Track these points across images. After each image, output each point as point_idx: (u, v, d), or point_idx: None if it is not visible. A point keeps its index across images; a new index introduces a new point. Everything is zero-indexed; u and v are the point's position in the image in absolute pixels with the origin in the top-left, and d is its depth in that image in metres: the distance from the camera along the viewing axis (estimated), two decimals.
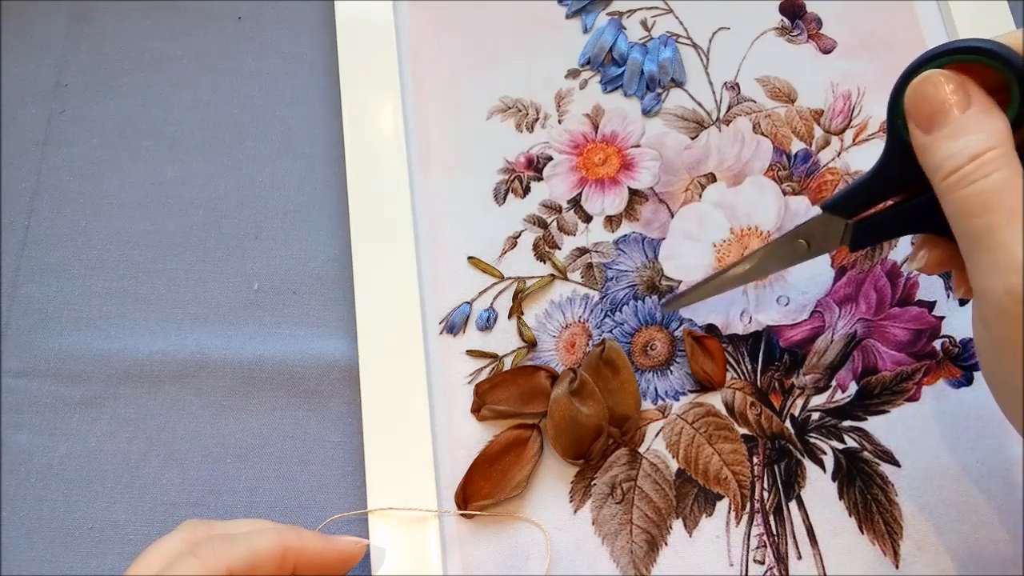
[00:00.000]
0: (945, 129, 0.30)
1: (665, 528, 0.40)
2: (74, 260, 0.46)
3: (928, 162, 0.31)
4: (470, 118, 0.48)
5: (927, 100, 0.31)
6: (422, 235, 0.45)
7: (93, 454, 0.43)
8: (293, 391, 0.43)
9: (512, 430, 0.42)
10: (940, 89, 0.31)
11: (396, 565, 0.39)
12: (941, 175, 0.30)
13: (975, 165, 0.29)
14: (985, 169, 0.29)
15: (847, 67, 0.48)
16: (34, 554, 0.41)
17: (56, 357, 0.44)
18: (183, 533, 0.34)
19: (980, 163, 0.29)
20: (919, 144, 0.31)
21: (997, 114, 0.30)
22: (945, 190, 0.30)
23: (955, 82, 0.30)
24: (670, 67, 0.48)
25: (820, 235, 0.36)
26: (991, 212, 0.28)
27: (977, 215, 0.29)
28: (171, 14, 0.51)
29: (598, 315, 0.44)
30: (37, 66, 0.50)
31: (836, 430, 0.41)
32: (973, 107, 0.30)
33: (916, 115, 0.31)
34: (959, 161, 0.29)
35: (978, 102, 0.30)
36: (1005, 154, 0.29)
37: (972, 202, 0.29)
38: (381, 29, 0.48)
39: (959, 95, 0.30)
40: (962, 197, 0.29)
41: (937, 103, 0.30)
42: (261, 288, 0.45)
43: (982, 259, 0.29)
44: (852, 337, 0.43)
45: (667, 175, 0.46)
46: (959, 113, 0.30)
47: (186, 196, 0.47)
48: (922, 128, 0.31)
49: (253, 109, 0.49)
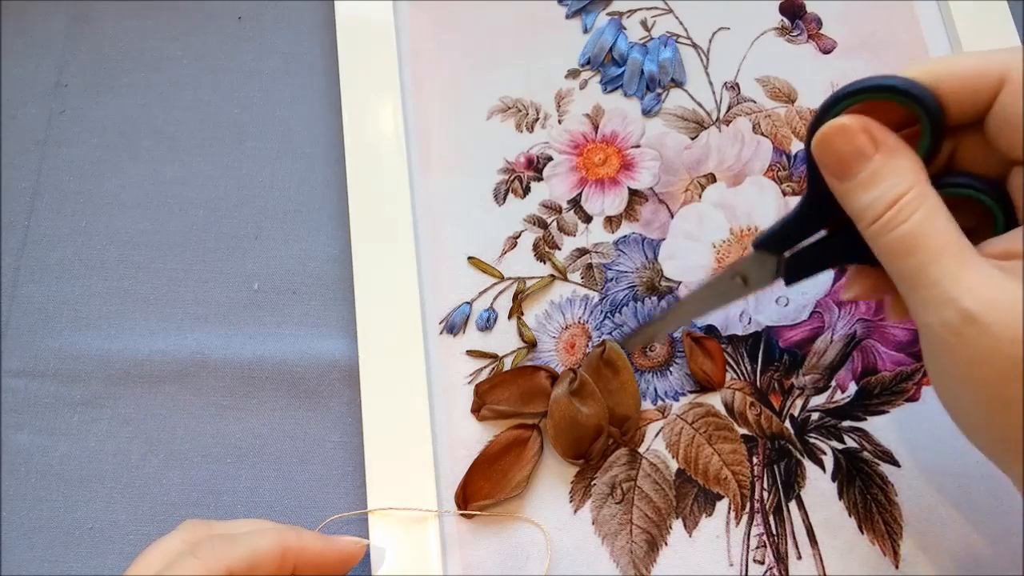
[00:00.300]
0: (858, 178, 0.30)
1: (665, 528, 0.40)
2: (74, 260, 0.46)
3: (848, 208, 0.31)
4: (470, 118, 0.48)
5: (835, 149, 0.31)
6: (422, 235, 0.45)
7: (93, 454, 0.43)
8: (293, 391, 0.43)
9: (512, 430, 0.42)
10: (846, 137, 0.31)
11: (396, 565, 0.39)
12: (864, 223, 0.31)
13: (894, 212, 0.30)
14: (904, 213, 0.29)
15: (847, 67, 0.48)
16: (34, 554, 0.41)
17: (56, 357, 0.44)
18: (183, 533, 0.34)
19: (898, 208, 0.30)
20: (837, 191, 0.31)
21: (906, 154, 0.30)
22: (871, 236, 0.31)
23: (860, 127, 0.30)
24: (670, 67, 0.48)
25: (755, 271, 0.36)
26: (918, 252, 0.29)
27: (905, 257, 0.30)
28: (171, 14, 0.51)
29: (598, 316, 0.44)
30: (37, 66, 0.50)
31: (836, 430, 0.41)
32: (880, 152, 0.30)
33: (828, 165, 0.31)
34: (878, 210, 0.30)
35: (885, 145, 0.30)
36: (920, 193, 0.30)
37: (898, 246, 0.30)
38: (381, 29, 0.48)
39: (866, 140, 0.30)
40: (888, 242, 0.30)
41: (846, 152, 0.31)
42: (261, 288, 0.45)
43: (918, 297, 0.30)
44: (852, 337, 0.43)
45: (667, 175, 0.46)
46: (868, 159, 0.30)
47: (186, 196, 0.47)
48: (835, 177, 0.31)
49: (253, 109, 0.49)
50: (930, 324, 0.29)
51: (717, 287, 0.37)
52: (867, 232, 0.31)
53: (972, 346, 0.28)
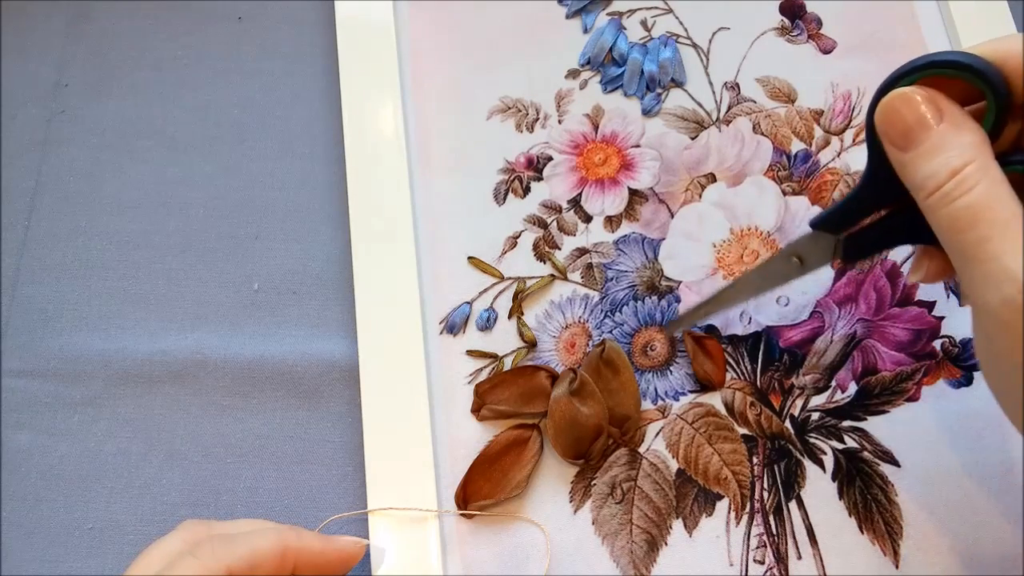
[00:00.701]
0: (921, 147, 0.30)
1: (665, 528, 0.40)
2: (74, 260, 0.46)
3: (909, 180, 0.31)
4: (470, 118, 0.48)
5: (899, 118, 0.31)
6: (422, 235, 0.45)
7: (93, 454, 0.43)
8: (293, 391, 0.43)
9: (512, 430, 0.42)
10: (911, 106, 0.30)
11: (396, 565, 0.39)
12: (924, 194, 0.30)
13: (955, 182, 0.29)
14: (966, 184, 0.29)
15: (847, 67, 0.48)
16: (34, 554, 0.41)
17: (56, 357, 0.44)
18: (183, 533, 0.34)
19: (960, 179, 0.29)
20: (897, 162, 0.31)
21: (971, 127, 0.30)
22: (930, 208, 0.30)
23: (925, 97, 0.30)
24: (670, 67, 0.48)
25: (812, 252, 0.36)
26: (978, 226, 0.28)
27: (965, 230, 0.29)
28: (171, 14, 0.51)
29: (598, 315, 0.44)
30: (37, 66, 0.50)
31: (836, 430, 0.41)
32: (946, 122, 0.30)
33: (890, 134, 0.31)
34: (939, 179, 0.29)
35: (950, 116, 0.30)
36: (983, 166, 0.29)
37: (958, 218, 0.29)
38: (381, 29, 0.48)
39: (931, 110, 0.30)
40: (948, 214, 0.29)
41: (909, 121, 0.30)
42: (261, 288, 0.45)
43: (975, 272, 0.29)
44: (852, 337, 0.43)
45: (667, 175, 0.46)
46: (932, 129, 0.30)
47: (186, 196, 0.47)
48: (897, 147, 0.31)
49: (253, 109, 0.49)
50: (987, 301, 0.28)
51: (771, 268, 0.37)
52: (926, 204, 0.30)
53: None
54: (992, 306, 0.28)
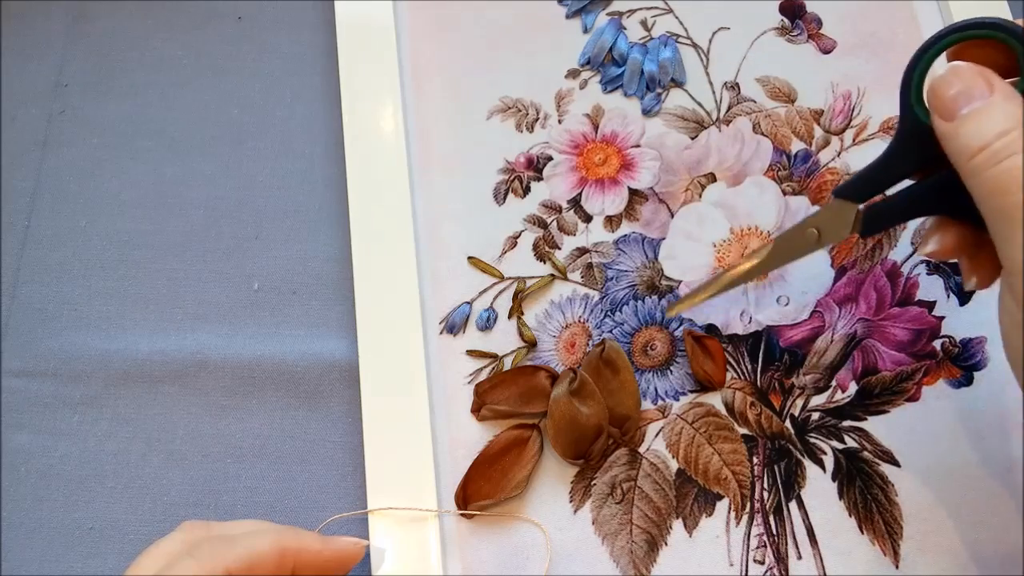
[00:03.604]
0: (970, 113, 0.31)
1: (665, 528, 0.40)
2: (74, 260, 0.46)
3: (953, 147, 0.31)
4: (470, 118, 0.48)
5: (950, 87, 0.31)
6: (422, 235, 0.45)
7: (93, 454, 0.43)
8: (293, 391, 0.43)
9: (512, 430, 0.42)
10: (963, 76, 0.31)
11: (396, 565, 0.39)
12: (968, 154, 0.30)
13: (1004, 143, 0.30)
14: (1011, 147, 0.29)
15: (847, 67, 0.48)
16: (34, 554, 0.41)
17: (56, 357, 0.44)
18: (182, 534, 0.34)
19: (1009, 140, 0.29)
20: (942, 132, 0.32)
21: (1017, 98, 0.31)
22: (974, 170, 0.30)
23: (977, 70, 0.31)
24: (670, 67, 0.48)
25: (831, 222, 0.36)
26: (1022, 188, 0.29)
27: (1008, 192, 0.29)
28: (171, 14, 0.51)
29: (598, 315, 0.44)
30: (37, 66, 0.50)
31: (836, 430, 0.41)
32: (995, 93, 0.31)
33: (939, 106, 0.32)
34: (987, 138, 0.30)
35: (999, 88, 0.31)
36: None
37: (1004, 179, 0.29)
38: (381, 29, 0.48)
39: (981, 82, 0.31)
40: (993, 175, 0.30)
41: (959, 90, 0.31)
42: (261, 288, 0.45)
43: (1014, 235, 0.29)
44: (852, 337, 0.43)
45: (667, 175, 0.46)
46: (983, 98, 0.31)
47: (186, 196, 0.47)
48: (945, 116, 0.31)
49: (253, 109, 0.49)
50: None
51: (789, 240, 0.37)
52: (969, 165, 0.30)
53: None
54: None
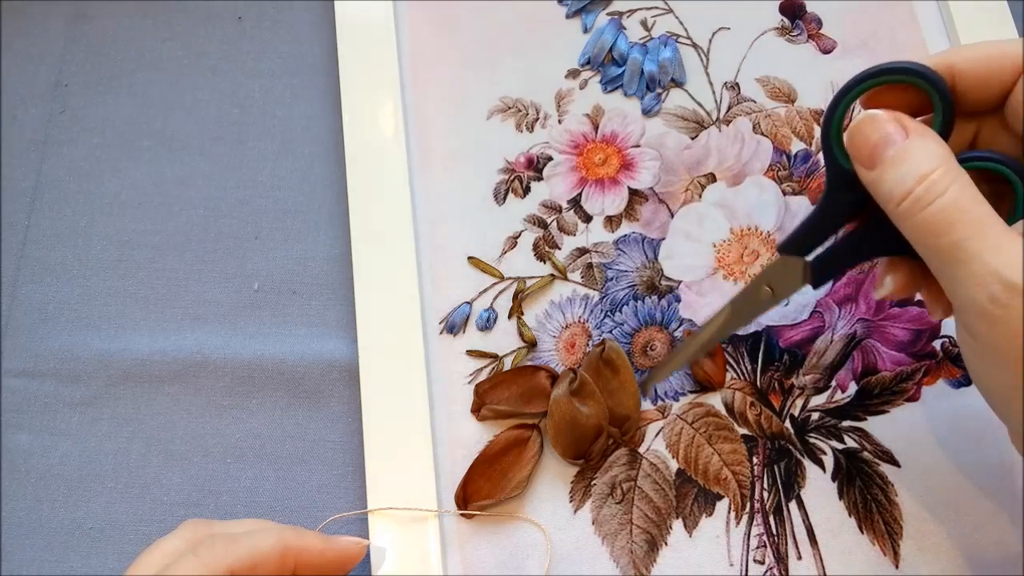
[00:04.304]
0: (888, 160, 0.31)
1: (665, 528, 0.40)
2: (74, 260, 0.46)
3: (879, 193, 0.31)
4: (470, 118, 0.48)
5: (866, 137, 0.32)
6: (422, 235, 0.45)
7: (93, 454, 0.43)
8: (293, 391, 0.43)
9: (512, 430, 0.42)
10: (877, 125, 0.31)
11: (396, 565, 0.39)
12: (894, 202, 0.31)
13: (925, 186, 0.30)
14: (937, 188, 0.30)
15: (847, 67, 0.48)
16: (34, 554, 0.41)
17: (56, 357, 0.44)
18: (184, 532, 0.34)
19: (930, 183, 0.30)
20: (867, 180, 0.32)
21: (933, 137, 0.31)
22: (902, 216, 0.31)
23: (890, 116, 0.31)
24: (670, 67, 0.48)
25: (781, 278, 0.36)
26: (955, 227, 0.29)
27: (942, 234, 0.29)
28: (171, 14, 0.51)
29: (598, 315, 0.44)
30: (37, 66, 0.50)
31: (836, 430, 0.41)
32: (911, 136, 0.31)
33: (859, 155, 0.32)
34: (909, 184, 0.30)
35: (914, 130, 0.31)
36: (950, 170, 0.30)
37: (933, 222, 0.30)
38: (381, 29, 0.48)
39: (896, 127, 0.31)
40: (922, 219, 0.30)
41: (877, 138, 0.31)
42: (261, 288, 0.45)
43: (957, 273, 0.29)
44: (852, 337, 0.43)
45: (667, 175, 0.46)
46: (899, 143, 0.31)
47: (186, 196, 0.47)
48: (866, 165, 0.32)
49: (253, 109, 0.49)
50: (974, 299, 0.29)
51: (744, 301, 0.37)
52: (897, 211, 0.31)
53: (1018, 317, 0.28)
54: (978, 304, 0.29)
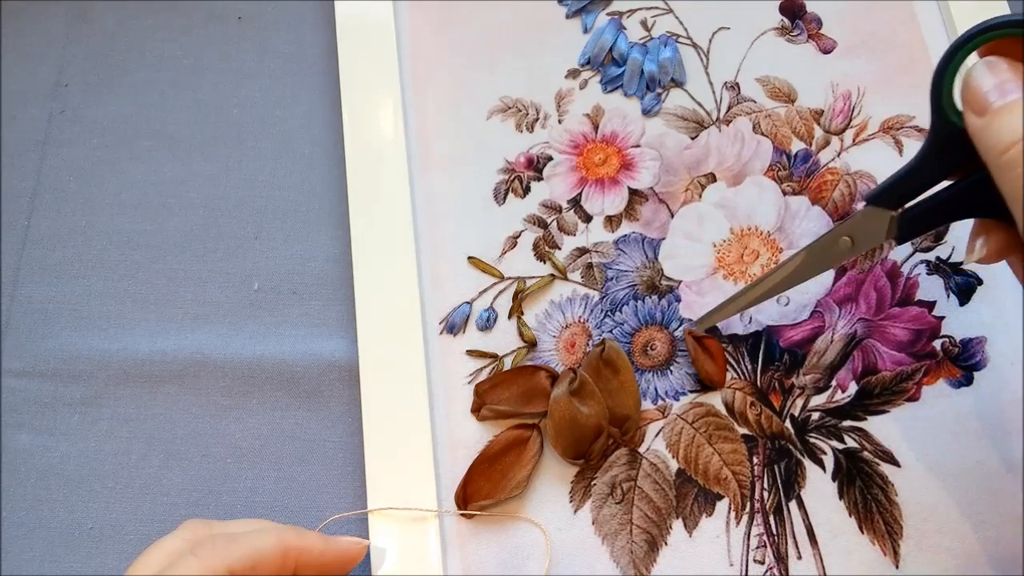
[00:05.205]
0: (1001, 107, 0.31)
1: (665, 528, 0.40)
2: (74, 260, 0.46)
3: (984, 141, 0.31)
4: (470, 118, 0.48)
5: (981, 83, 0.31)
6: (422, 235, 0.45)
7: (93, 454, 0.43)
8: (293, 391, 0.43)
9: (512, 430, 0.42)
10: (995, 72, 0.31)
11: (396, 565, 0.39)
12: (998, 151, 0.30)
13: None
14: None
15: (847, 67, 0.48)
16: (34, 554, 0.41)
17: (56, 357, 0.44)
18: (184, 532, 0.34)
19: None
20: (974, 128, 0.31)
21: None
22: (1004, 167, 0.30)
23: (1008, 64, 0.31)
24: (670, 67, 0.48)
25: (865, 230, 0.35)
26: None
27: None
28: (171, 14, 0.51)
29: (598, 315, 0.44)
30: (37, 66, 0.50)
31: (836, 430, 0.41)
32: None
33: (971, 99, 0.32)
34: (1017, 134, 0.30)
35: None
36: None
37: None
38: (381, 29, 0.48)
39: (1013, 76, 0.31)
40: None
41: (990, 85, 0.31)
42: (261, 288, 0.45)
43: None
44: (852, 337, 0.43)
45: (667, 175, 0.46)
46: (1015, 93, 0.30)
47: (186, 196, 0.47)
48: (976, 111, 0.31)
49: (253, 109, 0.49)
50: None
51: (819, 250, 0.37)
52: (1000, 162, 0.30)
53: None
54: None
